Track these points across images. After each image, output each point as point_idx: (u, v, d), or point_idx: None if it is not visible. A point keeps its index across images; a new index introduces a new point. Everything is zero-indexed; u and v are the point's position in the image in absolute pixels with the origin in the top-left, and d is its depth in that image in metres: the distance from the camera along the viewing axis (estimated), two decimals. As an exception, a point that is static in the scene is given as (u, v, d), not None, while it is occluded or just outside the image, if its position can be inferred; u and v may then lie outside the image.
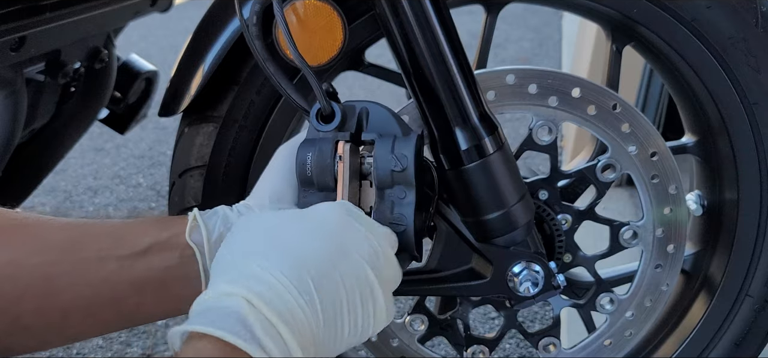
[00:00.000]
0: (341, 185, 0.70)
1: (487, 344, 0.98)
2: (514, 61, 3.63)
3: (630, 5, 0.87)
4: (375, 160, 0.71)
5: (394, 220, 0.72)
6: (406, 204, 0.72)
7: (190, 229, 0.70)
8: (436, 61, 0.74)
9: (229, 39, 0.88)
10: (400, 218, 0.72)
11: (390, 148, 0.71)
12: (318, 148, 0.71)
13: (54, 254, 0.67)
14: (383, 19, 0.75)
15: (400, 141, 0.71)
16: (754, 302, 0.98)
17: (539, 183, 0.89)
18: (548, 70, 0.86)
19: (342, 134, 0.72)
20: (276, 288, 0.56)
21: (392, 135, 0.72)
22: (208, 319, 0.53)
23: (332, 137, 0.72)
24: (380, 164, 0.71)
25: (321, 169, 0.71)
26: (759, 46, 0.88)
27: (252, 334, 0.52)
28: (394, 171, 0.70)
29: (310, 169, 0.71)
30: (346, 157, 0.71)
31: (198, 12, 0.96)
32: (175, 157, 0.97)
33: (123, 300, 0.68)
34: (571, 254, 0.92)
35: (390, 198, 0.72)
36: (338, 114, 0.73)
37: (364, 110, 0.74)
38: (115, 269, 0.67)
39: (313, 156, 0.71)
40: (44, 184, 1.56)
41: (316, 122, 0.73)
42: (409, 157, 0.70)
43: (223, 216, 0.72)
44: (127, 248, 0.68)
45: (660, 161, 0.89)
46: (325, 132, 0.72)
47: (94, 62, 1.26)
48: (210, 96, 0.92)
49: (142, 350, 1.58)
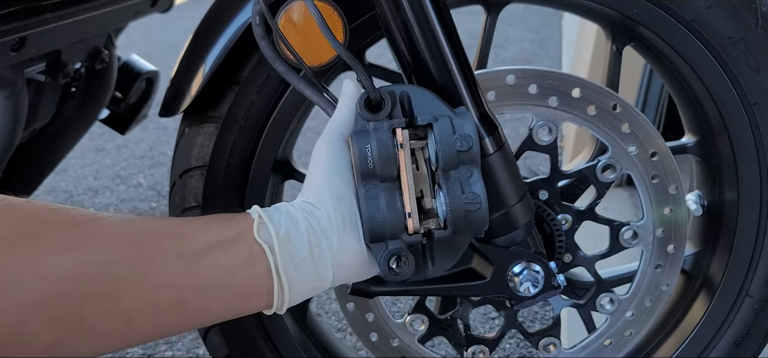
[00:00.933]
0: (405, 173, 0.69)
1: (487, 344, 0.98)
2: (514, 61, 3.63)
3: (630, 5, 0.87)
4: (439, 143, 0.69)
5: (468, 200, 0.69)
6: (476, 181, 0.70)
7: (257, 226, 0.68)
8: (436, 62, 0.74)
9: (230, 39, 0.88)
10: (474, 197, 0.69)
11: (451, 129, 0.69)
12: (376, 138, 0.69)
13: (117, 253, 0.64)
14: (383, 19, 0.75)
15: (458, 120, 0.70)
16: (754, 302, 0.98)
17: (539, 183, 0.89)
18: (548, 70, 0.86)
19: (398, 121, 0.70)
20: None
21: (447, 116, 0.70)
22: None
23: (388, 126, 0.70)
24: (445, 146, 0.69)
25: (385, 159, 0.69)
26: (759, 46, 0.88)
27: None
28: (461, 151, 0.69)
29: (372, 161, 0.69)
30: (406, 143, 0.69)
31: (198, 12, 0.96)
32: (175, 157, 0.97)
33: (188, 302, 0.66)
34: (571, 254, 0.92)
35: (457, 179, 0.70)
36: (388, 101, 0.71)
37: (405, 95, 0.72)
38: (179, 269, 0.65)
39: (373, 147, 0.69)
40: (45, 184, 1.56)
41: (365, 112, 0.71)
42: (473, 135, 0.69)
43: (286, 213, 0.70)
44: (191, 246, 0.66)
45: (660, 161, 0.89)
46: (378, 121, 0.71)
47: (94, 62, 1.26)
48: (210, 96, 0.92)
49: (142, 350, 1.58)
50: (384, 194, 0.69)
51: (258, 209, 0.70)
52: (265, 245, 0.67)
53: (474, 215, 0.69)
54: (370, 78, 0.72)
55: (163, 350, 1.58)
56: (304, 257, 0.68)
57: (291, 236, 0.68)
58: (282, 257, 0.67)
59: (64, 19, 1.05)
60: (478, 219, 0.70)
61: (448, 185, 0.70)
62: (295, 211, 0.70)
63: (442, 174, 0.70)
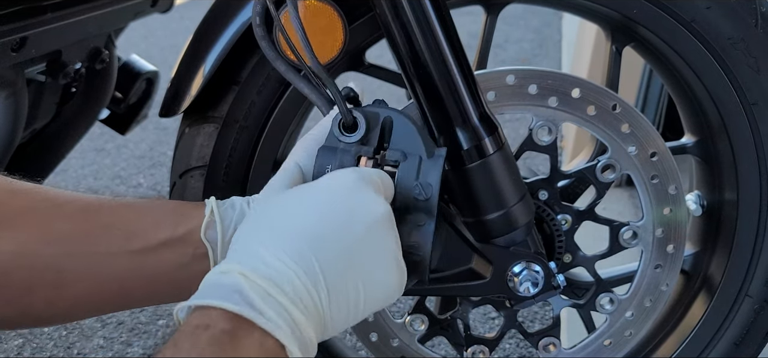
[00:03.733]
0: None
1: (487, 344, 0.98)
2: (514, 61, 3.63)
3: (630, 6, 0.87)
4: (398, 184, 0.68)
5: (411, 245, 0.68)
6: (425, 232, 0.68)
7: (206, 226, 0.69)
8: (436, 62, 0.74)
9: (230, 39, 0.88)
10: (418, 246, 0.68)
11: (415, 174, 0.67)
12: (339, 161, 0.68)
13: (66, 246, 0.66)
14: (383, 19, 0.75)
15: (425, 166, 0.68)
16: (753, 302, 0.99)
17: (539, 183, 0.89)
18: (548, 70, 0.86)
19: (365, 150, 0.69)
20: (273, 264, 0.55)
21: (417, 156, 0.68)
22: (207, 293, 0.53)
23: (355, 152, 0.69)
24: (403, 189, 0.67)
25: None
26: (758, 46, 0.88)
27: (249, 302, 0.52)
28: (417, 199, 0.67)
29: None
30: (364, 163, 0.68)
31: (199, 12, 0.96)
32: (175, 157, 0.97)
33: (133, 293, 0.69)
34: (571, 254, 0.92)
35: (409, 222, 0.68)
36: (362, 126, 0.69)
37: (388, 120, 0.71)
38: (125, 265, 0.67)
39: (334, 169, 0.68)
40: (45, 184, 1.56)
41: (339, 131, 0.70)
42: (434, 186, 0.67)
43: (239, 210, 0.71)
44: (139, 243, 0.68)
45: (660, 162, 0.89)
46: (347, 144, 0.69)
47: (94, 63, 1.27)
48: (211, 96, 0.92)
49: (142, 350, 1.58)
50: None
51: (213, 204, 0.70)
52: (210, 246, 0.69)
53: (414, 259, 0.68)
54: (342, 96, 0.70)
55: (163, 350, 1.58)
56: None
57: None
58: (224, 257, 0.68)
59: (65, 19, 1.05)
60: (417, 265, 0.68)
61: (399, 226, 0.67)
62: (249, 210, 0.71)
63: (397, 213, 0.67)
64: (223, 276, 0.55)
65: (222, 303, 0.52)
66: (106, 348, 1.59)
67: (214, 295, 0.53)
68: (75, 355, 1.57)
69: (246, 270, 0.54)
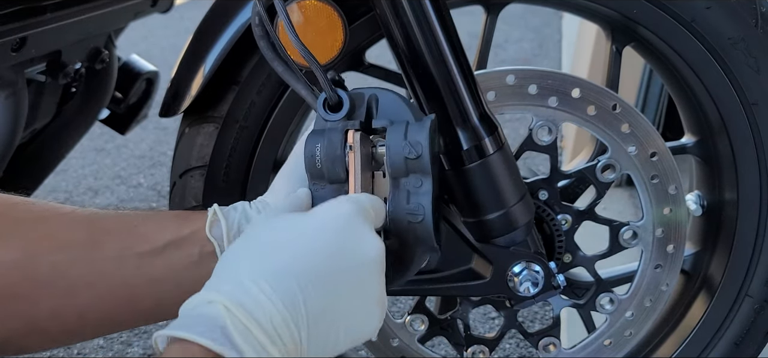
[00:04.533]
0: (353, 177, 0.67)
1: (487, 344, 0.99)
2: (514, 61, 3.63)
3: (630, 6, 0.87)
4: (387, 148, 0.67)
5: (410, 210, 0.68)
6: (423, 193, 0.67)
7: (210, 223, 0.69)
8: (436, 62, 0.74)
9: (230, 39, 0.88)
10: (417, 207, 0.67)
11: (403, 134, 0.67)
12: (327, 138, 0.67)
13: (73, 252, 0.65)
14: (383, 19, 0.75)
15: (413, 127, 0.67)
16: (753, 302, 0.99)
17: (539, 183, 0.90)
18: (548, 70, 0.86)
19: (352, 123, 0.68)
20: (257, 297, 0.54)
21: (405, 121, 0.68)
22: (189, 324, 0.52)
23: (341, 127, 0.67)
24: (393, 152, 0.67)
25: (331, 160, 0.67)
26: (758, 46, 0.88)
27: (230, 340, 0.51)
28: (408, 158, 0.66)
29: (319, 161, 0.67)
30: (356, 146, 0.66)
31: (199, 12, 0.96)
32: (175, 157, 0.97)
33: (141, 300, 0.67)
34: (571, 254, 0.92)
35: (405, 187, 0.68)
36: (346, 102, 0.69)
37: (373, 97, 0.70)
38: (133, 269, 0.66)
39: (322, 147, 0.67)
40: (45, 184, 1.56)
41: (324, 112, 0.70)
42: (423, 143, 0.66)
43: (242, 211, 0.71)
44: (146, 246, 0.67)
45: (660, 162, 0.89)
46: (334, 122, 0.69)
47: (94, 63, 1.27)
48: (210, 96, 0.92)
49: (142, 350, 1.58)
50: (330, 195, 0.67)
51: (216, 207, 0.70)
52: (216, 243, 0.68)
53: (416, 226, 0.68)
54: (327, 77, 0.70)
55: (163, 350, 1.58)
56: None
57: None
58: None
59: (65, 19, 1.05)
60: (421, 230, 0.68)
61: (394, 193, 0.68)
62: (251, 211, 0.71)
63: (391, 181, 0.68)
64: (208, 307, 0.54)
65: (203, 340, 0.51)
66: (106, 348, 1.59)
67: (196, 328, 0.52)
68: (75, 355, 1.57)
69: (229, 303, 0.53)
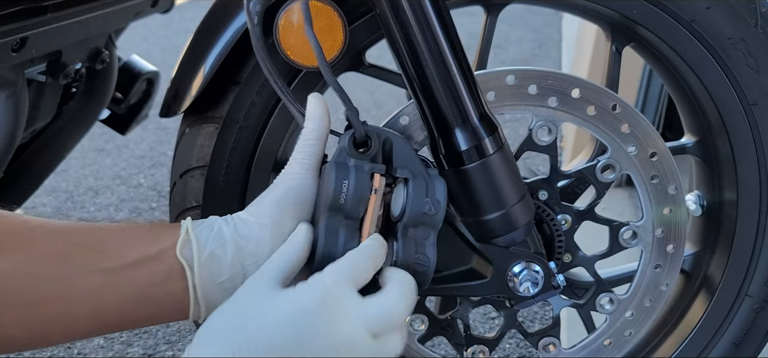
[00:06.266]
0: (369, 219, 0.70)
1: (487, 344, 0.99)
2: (514, 61, 3.63)
3: (629, 6, 0.87)
4: (411, 201, 0.71)
5: (418, 261, 0.73)
6: (430, 245, 0.73)
7: (181, 244, 0.68)
8: (436, 62, 0.74)
9: (230, 40, 0.88)
10: (425, 259, 0.73)
11: (425, 191, 0.72)
12: (356, 177, 0.70)
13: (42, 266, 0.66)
14: (383, 19, 0.75)
15: (432, 185, 0.72)
16: (753, 301, 0.99)
17: (539, 183, 0.90)
18: (548, 70, 0.86)
19: (378, 167, 0.71)
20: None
21: (422, 176, 0.73)
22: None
23: (368, 169, 0.71)
24: (415, 206, 0.71)
25: (357, 200, 0.69)
26: (758, 46, 0.88)
27: None
28: (427, 214, 0.72)
29: (345, 197, 0.69)
30: (380, 191, 0.71)
31: (199, 13, 0.96)
32: (176, 157, 0.97)
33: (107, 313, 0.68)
34: (571, 254, 0.93)
35: (413, 237, 0.72)
36: (375, 145, 0.72)
37: (388, 141, 0.74)
38: (100, 284, 0.66)
39: (351, 185, 0.69)
40: (45, 184, 1.56)
41: (351, 148, 0.72)
42: (442, 203, 0.72)
43: (217, 230, 0.70)
44: (114, 261, 0.67)
45: (659, 162, 0.89)
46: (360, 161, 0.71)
47: (95, 63, 1.27)
48: (211, 97, 0.92)
49: (143, 350, 1.58)
50: (345, 231, 0.70)
51: (189, 224, 0.70)
52: (186, 264, 0.68)
53: (420, 275, 0.72)
54: (358, 114, 0.72)
55: (164, 350, 1.58)
56: (225, 277, 0.69)
57: (214, 257, 0.69)
58: (201, 277, 0.68)
59: (65, 19, 1.05)
60: (422, 279, 0.73)
61: (404, 240, 0.72)
62: (227, 229, 0.70)
63: (401, 227, 0.72)
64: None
65: None
66: (107, 348, 1.59)
67: None
68: (75, 355, 1.57)
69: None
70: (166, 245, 0.69)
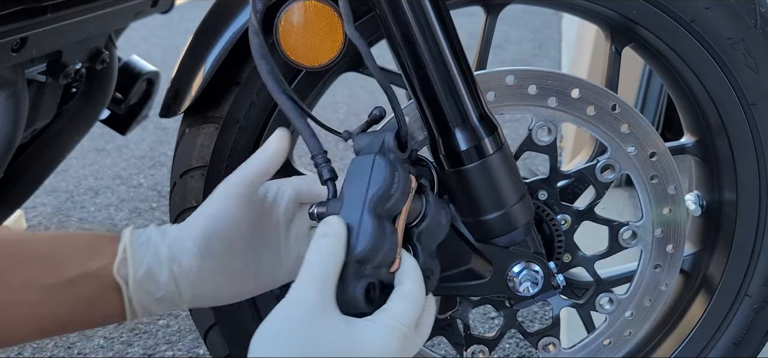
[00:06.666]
0: (403, 218, 0.71)
1: (487, 344, 0.99)
2: (514, 62, 3.63)
3: (629, 6, 0.88)
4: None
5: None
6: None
7: (118, 264, 0.71)
8: (436, 62, 0.74)
9: (230, 39, 0.88)
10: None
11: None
12: (403, 173, 0.70)
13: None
14: (383, 20, 0.75)
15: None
16: (752, 301, 0.99)
17: (539, 183, 0.90)
18: (548, 71, 0.86)
19: (412, 169, 0.75)
20: None
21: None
22: None
23: (407, 169, 0.72)
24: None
25: (402, 194, 0.70)
26: (758, 46, 0.88)
27: None
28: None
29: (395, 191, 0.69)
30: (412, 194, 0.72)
31: (199, 13, 0.96)
32: (176, 157, 0.97)
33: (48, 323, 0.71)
34: (571, 254, 0.93)
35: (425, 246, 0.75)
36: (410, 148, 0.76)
37: None
38: (40, 299, 0.69)
39: (400, 178, 0.70)
40: (45, 184, 1.56)
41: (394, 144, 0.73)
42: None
43: (154, 248, 0.73)
44: (54, 278, 0.70)
45: (659, 162, 0.89)
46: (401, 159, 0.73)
47: (95, 63, 1.27)
48: (211, 97, 0.92)
49: (143, 350, 1.58)
50: (388, 225, 0.69)
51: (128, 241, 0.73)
52: (122, 282, 0.71)
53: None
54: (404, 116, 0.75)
55: (164, 350, 1.58)
56: (161, 294, 0.72)
57: (151, 274, 0.72)
58: (138, 295, 0.72)
59: (65, 19, 1.05)
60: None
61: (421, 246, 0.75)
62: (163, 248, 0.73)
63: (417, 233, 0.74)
64: None
65: None
66: (107, 348, 1.60)
67: None
68: (76, 355, 1.57)
69: None
70: (105, 262, 0.72)
